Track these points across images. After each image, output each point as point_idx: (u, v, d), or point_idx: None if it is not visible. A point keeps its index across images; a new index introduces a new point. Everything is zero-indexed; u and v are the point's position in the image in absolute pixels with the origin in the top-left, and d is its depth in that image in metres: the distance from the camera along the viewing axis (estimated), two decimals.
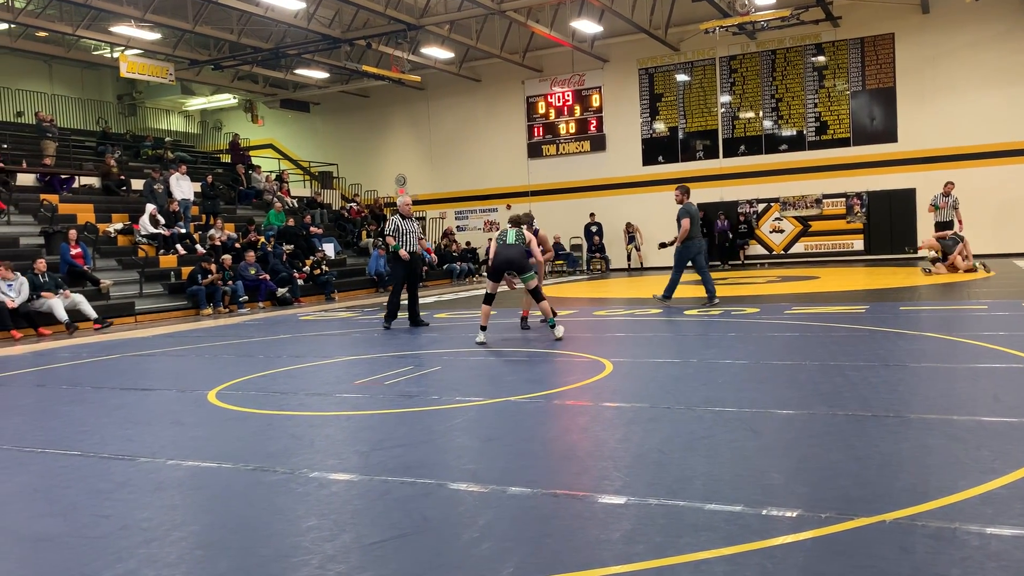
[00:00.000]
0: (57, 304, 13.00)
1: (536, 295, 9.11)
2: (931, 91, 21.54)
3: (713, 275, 20.17)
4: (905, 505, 3.17)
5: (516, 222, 9.48)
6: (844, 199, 22.66)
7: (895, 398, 5.18)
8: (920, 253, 16.54)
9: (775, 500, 3.31)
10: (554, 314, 9.12)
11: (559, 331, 8.86)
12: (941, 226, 17.10)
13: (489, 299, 9.25)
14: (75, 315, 13.40)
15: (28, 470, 4.52)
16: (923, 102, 21.63)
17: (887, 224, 22.20)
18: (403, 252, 11.00)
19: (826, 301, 11.85)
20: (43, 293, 13.11)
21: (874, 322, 9.00)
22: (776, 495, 3.39)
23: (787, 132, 23.25)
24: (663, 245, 13.13)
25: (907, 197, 21.91)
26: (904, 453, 3.96)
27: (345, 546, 3.09)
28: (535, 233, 9.83)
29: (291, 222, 21.08)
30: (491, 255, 9.38)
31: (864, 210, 22.47)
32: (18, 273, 12.99)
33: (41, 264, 13.46)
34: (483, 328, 9.05)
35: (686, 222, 11.98)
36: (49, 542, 3.31)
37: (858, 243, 22.63)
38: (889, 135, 22.07)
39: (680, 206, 12.24)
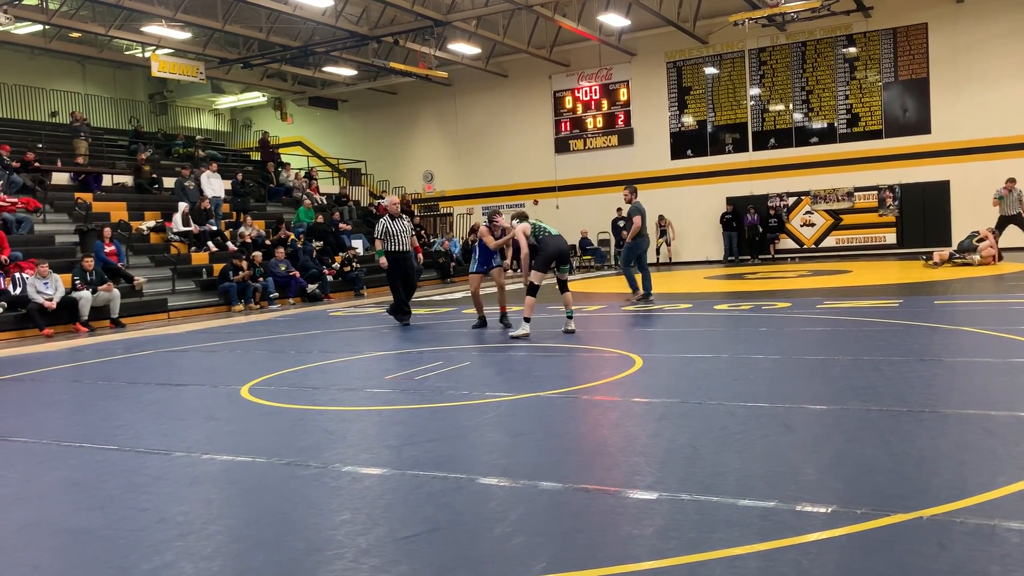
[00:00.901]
0: (86, 303, 13.19)
1: (533, 291, 9.03)
2: (965, 81, 21.17)
3: (744, 269, 20.11)
4: (943, 501, 3.13)
5: (525, 216, 9.62)
6: (876, 192, 22.37)
7: (931, 393, 5.11)
8: (935, 260, 16.33)
9: (809, 496, 3.28)
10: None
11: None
12: (1004, 220, 16.76)
13: (535, 290, 9.04)
14: (104, 311, 13.65)
15: (67, 464, 4.60)
16: (957, 93, 21.28)
17: (920, 217, 21.88)
18: (382, 261, 11.15)
19: (858, 295, 11.72)
20: (99, 288, 13.53)
21: (908, 316, 8.88)
22: (810, 491, 3.35)
23: (818, 124, 22.98)
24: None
25: (941, 189, 21.57)
26: (941, 449, 3.91)
27: (378, 540, 3.11)
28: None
29: (320, 219, 21.23)
30: (524, 246, 9.33)
31: (897, 203, 22.16)
32: (51, 271, 13.21)
33: (88, 263, 13.68)
34: (527, 320, 8.94)
35: (638, 219, 12.57)
36: (88, 534, 3.37)
37: (890, 236, 22.33)
38: (922, 126, 21.74)
39: (630, 204, 12.80)
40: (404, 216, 11.43)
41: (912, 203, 21.99)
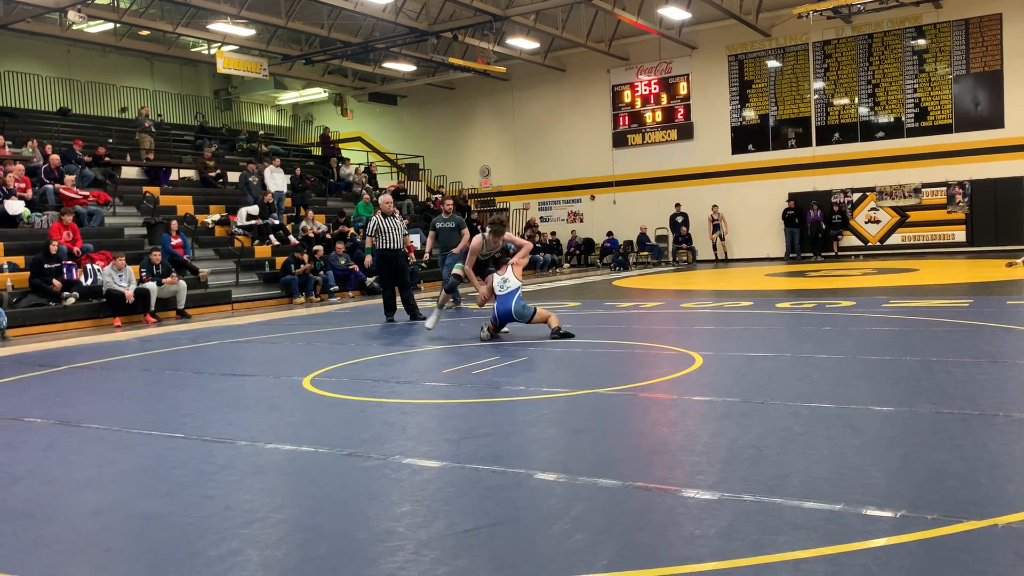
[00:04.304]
0: (154, 294, 13.56)
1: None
2: None
3: (806, 266, 19.73)
4: (1019, 509, 3.02)
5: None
6: (945, 188, 21.69)
7: (1005, 396, 4.94)
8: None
9: (877, 500, 3.20)
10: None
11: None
12: None
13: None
14: (170, 302, 14.01)
15: (138, 451, 4.73)
16: None
17: (991, 214, 21.16)
18: (367, 260, 11.72)
19: (926, 294, 11.39)
20: (164, 280, 13.85)
21: (979, 316, 8.60)
22: (878, 495, 3.27)
23: (884, 119, 22.38)
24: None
25: (1014, 185, 20.82)
26: (1017, 454, 3.78)
27: (439, 533, 3.13)
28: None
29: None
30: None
31: (966, 199, 21.47)
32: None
33: (156, 256, 14.07)
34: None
35: (466, 232, 12.68)
36: (158, 520, 3.46)
37: (960, 234, 21.65)
38: (995, 120, 20.99)
39: (448, 216, 12.87)
40: (397, 215, 11.80)
41: (983, 200, 21.27)
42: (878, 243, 22.67)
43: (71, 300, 13.14)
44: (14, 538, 3.34)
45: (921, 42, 21.76)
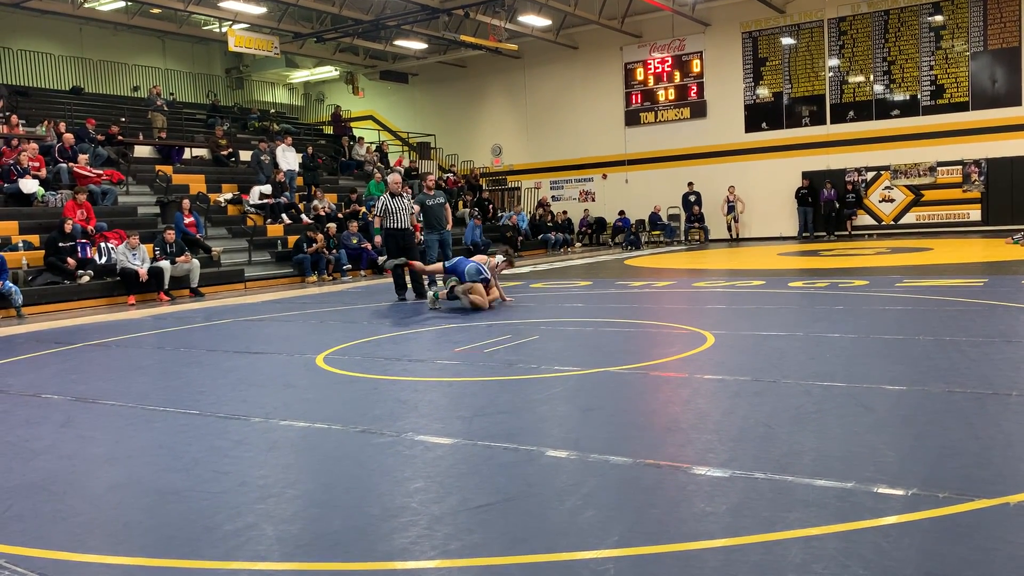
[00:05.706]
0: (165, 271, 13.62)
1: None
2: None
3: (819, 245, 19.62)
4: None
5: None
6: (961, 167, 21.48)
7: (1018, 376, 4.92)
8: None
9: (889, 478, 3.20)
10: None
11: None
12: None
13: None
14: (184, 281, 14.08)
15: (153, 427, 4.78)
16: None
17: (1008, 193, 20.93)
18: (377, 240, 11.76)
19: (940, 274, 11.32)
20: (177, 259, 13.91)
21: (994, 296, 8.55)
22: (890, 473, 3.27)
23: (899, 97, 22.13)
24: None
25: None
26: None
27: (452, 508, 3.16)
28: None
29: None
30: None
31: (983, 178, 21.25)
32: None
33: (170, 235, 14.14)
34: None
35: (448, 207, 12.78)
36: (174, 495, 3.51)
37: (975, 213, 21.45)
38: (1013, 98, 20.73)
39: (431, 192, 12.78)
40: (405, 194, 11.78)
41: (999, 178, 21.05)
42: (892, 222, 22.51)
43: (85, 278, 13.24)
44: (33, 512, 3.39)
45: (938, 18, 21.47)
